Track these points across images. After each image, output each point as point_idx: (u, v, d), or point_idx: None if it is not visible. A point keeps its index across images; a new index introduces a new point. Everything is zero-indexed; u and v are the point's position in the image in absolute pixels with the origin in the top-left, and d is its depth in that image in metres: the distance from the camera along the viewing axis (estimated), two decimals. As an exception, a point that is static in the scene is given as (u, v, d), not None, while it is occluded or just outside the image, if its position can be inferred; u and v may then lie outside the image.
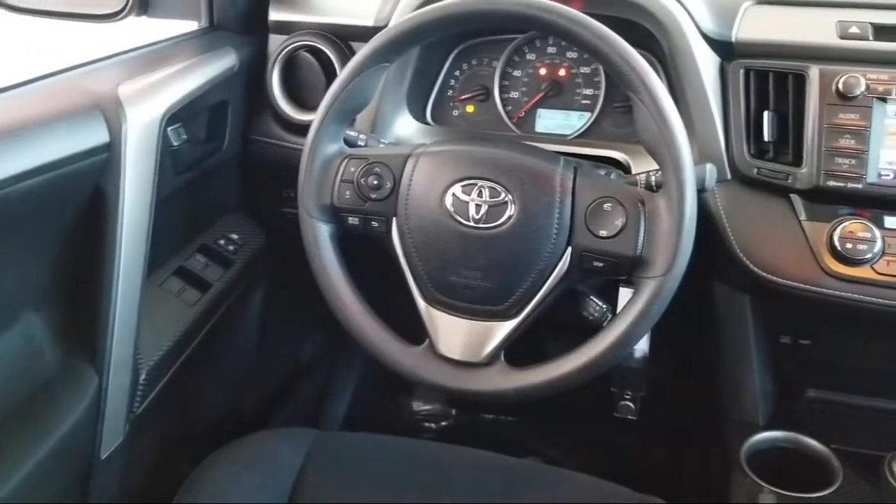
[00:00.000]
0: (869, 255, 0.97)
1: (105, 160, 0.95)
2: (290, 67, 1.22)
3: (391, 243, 0.93)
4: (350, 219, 0.95)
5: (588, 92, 1.23)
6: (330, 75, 1.19)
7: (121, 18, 1.16)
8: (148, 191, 1.02)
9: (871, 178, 0.98)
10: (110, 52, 1.08)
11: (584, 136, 1.22)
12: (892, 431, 1.24)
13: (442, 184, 0.90)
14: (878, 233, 0.97)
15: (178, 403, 1.24)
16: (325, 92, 0.94)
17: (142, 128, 0.99)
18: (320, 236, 0.95)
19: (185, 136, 1.15)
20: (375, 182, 0.93)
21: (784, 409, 1.26)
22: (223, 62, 1.19)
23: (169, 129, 1.10)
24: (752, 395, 1.23)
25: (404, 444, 1.10)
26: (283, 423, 1.54)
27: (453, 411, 1.80)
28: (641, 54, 0.85)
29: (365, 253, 0.99)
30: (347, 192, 0.94)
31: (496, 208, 0.88)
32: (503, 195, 0.88)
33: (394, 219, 0.93)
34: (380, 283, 1.04)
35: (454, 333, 0.92)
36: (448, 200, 0.89)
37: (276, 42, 1.24)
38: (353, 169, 0.94)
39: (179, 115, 1.09)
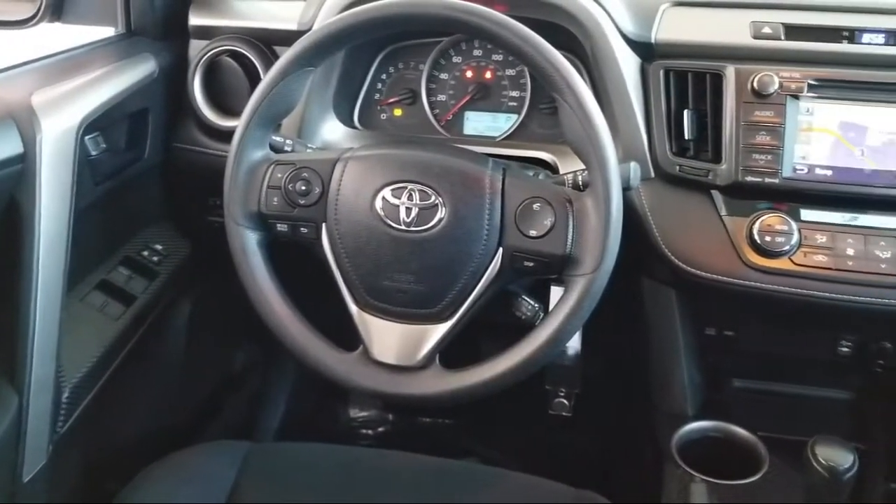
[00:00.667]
0: (787, 248, 1.00)
1: (19, 171, 0.91)
2: (213, 73, 1.20)
3: (321, 249, 0.92)
4: (278, 225, 0.93)
5: (514, 94, 1.24)
6: (254, 80, 1.17)
7: (33, 25, 1.13)
8: (66, 202, 0.99)
9: (787, 172, 1.02)
10: (22, 60, 1.05)
11: (512, 138, 1.23)
12: (814, 416, 1.29)
13: (371, 188, 0.90)
14: (794, 225, 1.00)
15: (106, 421, 1.20)
16: (249, 97, 0.93)
17: (57, 137, 0.96)
18: (248, 244, 0.93)
19: (105, 145, 1.12)
20: (303, 188, 0.91)
21: (712, 399, 1.29)
22: (142, 69, 1.17)
23: (87, 138, 1.07)
24: (680, 387, 1.26)
25: (340, 452, 1.09)
26: (216, 436, 1.51)
27: (390, 416, 1.79)
28: (565, 56, 0.86)
29: (296, 260, 0.98)
30: (275, 199, 0.92)
31: (427, 211, 0.88)
32: (433, 198, 0.88)
33: (323, 224, 0.92)
34: (312, 291, 1.03)
35: (388, 338, 0.91)
36: (378, 204, 0.89)
37: (197, 47, 1.22)
38: (279, 175, 0.92)
39: (98, 124, 1.06)
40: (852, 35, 1.04)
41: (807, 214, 1.02)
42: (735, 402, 1.32)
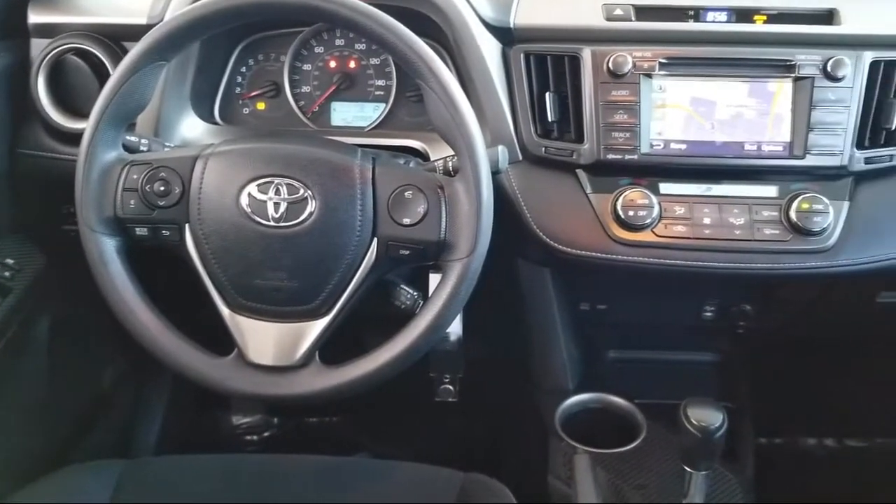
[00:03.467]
0: (649, 221, 1.04)
1: None
2: (58, 73, 1.12)
3: (186, 252, 0.89)
4: (137, 229, 0.89)
5: (380, 83, 1.23)
6: (103, 79, 1.10)
7: None
8: None
9: (645, 148, 1.05)
10: None
11: (381, 127, 1.22)
12: (686, 380, 1.36)
13: (236, 184, 0.87)
14: (654, 199, 1.04)
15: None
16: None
17: None
18: (105, 251, 0.88)
19: (-60, 157, 1.04)
20: (162, 188, 0.88)
21: (590, 372, 1.33)
22: (-22, 71, 1.09)
23: (-82, 149, 0.98)
24: (560, 364, 1.29)
25: (221, 461, 1.06)
26: (89, 457, 1.42)
27: (275, 420, 1.75)
28: (428, 44, 0.86)
29: (162, 266, 0.93)
30: (132, 201, 0.88)
31: (296, 205, 0.86)
32: (302, 191, 0.86)
33: (186, 225, 0.88)
34: (181, 297, 0.98)
35: (264, 339, 0.89)
36: (244, 201, 0.86)
37: (38, 46, 1.14)
38: (135, 176, 0.88)
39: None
40: (697, 14, 1.09)
41: (665, 188, 1.06)
42: (612, 372, 1.36)
